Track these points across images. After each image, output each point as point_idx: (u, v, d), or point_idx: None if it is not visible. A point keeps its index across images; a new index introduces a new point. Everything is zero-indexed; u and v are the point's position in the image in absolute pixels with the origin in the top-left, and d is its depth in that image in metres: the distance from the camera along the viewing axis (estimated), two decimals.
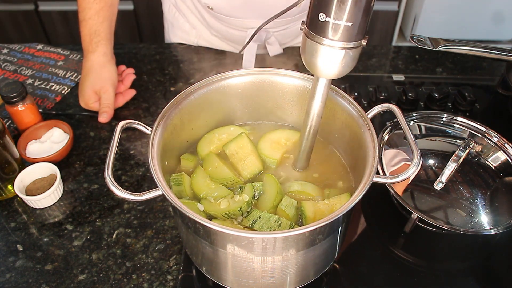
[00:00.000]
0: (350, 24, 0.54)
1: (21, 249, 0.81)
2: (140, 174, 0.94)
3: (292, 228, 0.66)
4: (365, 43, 0.57)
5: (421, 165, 0.83)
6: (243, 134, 0.79)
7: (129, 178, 0.93)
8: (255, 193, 0.71)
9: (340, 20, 0.54)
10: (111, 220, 0.85)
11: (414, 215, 0.77)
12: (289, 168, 0.78)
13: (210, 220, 0.59)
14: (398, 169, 0.83)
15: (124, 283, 0.76)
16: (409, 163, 0.83)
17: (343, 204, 0.60)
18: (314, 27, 0.56)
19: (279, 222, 0.66)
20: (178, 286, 0.75)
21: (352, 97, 0.83)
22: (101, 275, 0.77)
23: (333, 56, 0.58)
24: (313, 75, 0.64)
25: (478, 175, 0.83)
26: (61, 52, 1.27)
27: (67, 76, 1.18)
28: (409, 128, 0.68)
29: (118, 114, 1.07)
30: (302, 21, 0.59)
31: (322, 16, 0.54)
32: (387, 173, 0.82)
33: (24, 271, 0.77)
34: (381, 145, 0.87)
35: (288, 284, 0.68)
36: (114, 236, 0.83)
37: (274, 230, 0.65)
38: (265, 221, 0.66)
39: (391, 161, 0.85)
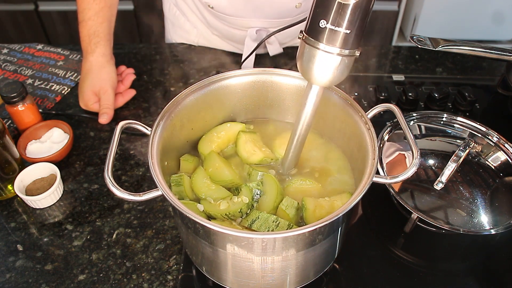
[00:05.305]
0: (348, 31, 0.57)
1: (21, 249, 0.81)
2: (140, 174, 0.94)
3: (291, 228, 0.66)
4: (358, 54, 0.60)
5: (421, 165, 0.83)
6: (257, 134, 0.82)
7: (129, 178, 0.93)
8: (254, 192, 0.71)
9: (339, 27, 0.56)
10: (111, 220, 0.85)
11: (414, 215, 0.77)
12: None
13: (210, 220, 0.59)
14: (394, 159, 0.83)
15: (124, 283, 0.76)
16: (404, 152, 0.84)
17: (343, 203, 0.60)
18: (314, 33, 0.59)
19: (277, 222, 0.66)
20: (178, 286, 0.75)
21: (352, 97, 0.83)
22: (101, 275, 0.77)
23: (329, 62, 0.60)
24: None
25: (478, 175, 0.83)
26: (61, 52, 1.27)
27: (67, 76, 1.18)
28: (409, 128, 0.68)
29: (118, 114, 1.07)
30: (301, 31, 0.61)
31: (322, 23, 0.57)
32: (385, 168, 0.82)
33: (24, 271, 0.77)
34: (381, 145, 0.87)
35: (288, 284, 0.68)
36: (114, 236, 0.83)
37: (272, 230, 0.65)
38: (263, 221, 0.66)
39: (386, 152, 0.85)
